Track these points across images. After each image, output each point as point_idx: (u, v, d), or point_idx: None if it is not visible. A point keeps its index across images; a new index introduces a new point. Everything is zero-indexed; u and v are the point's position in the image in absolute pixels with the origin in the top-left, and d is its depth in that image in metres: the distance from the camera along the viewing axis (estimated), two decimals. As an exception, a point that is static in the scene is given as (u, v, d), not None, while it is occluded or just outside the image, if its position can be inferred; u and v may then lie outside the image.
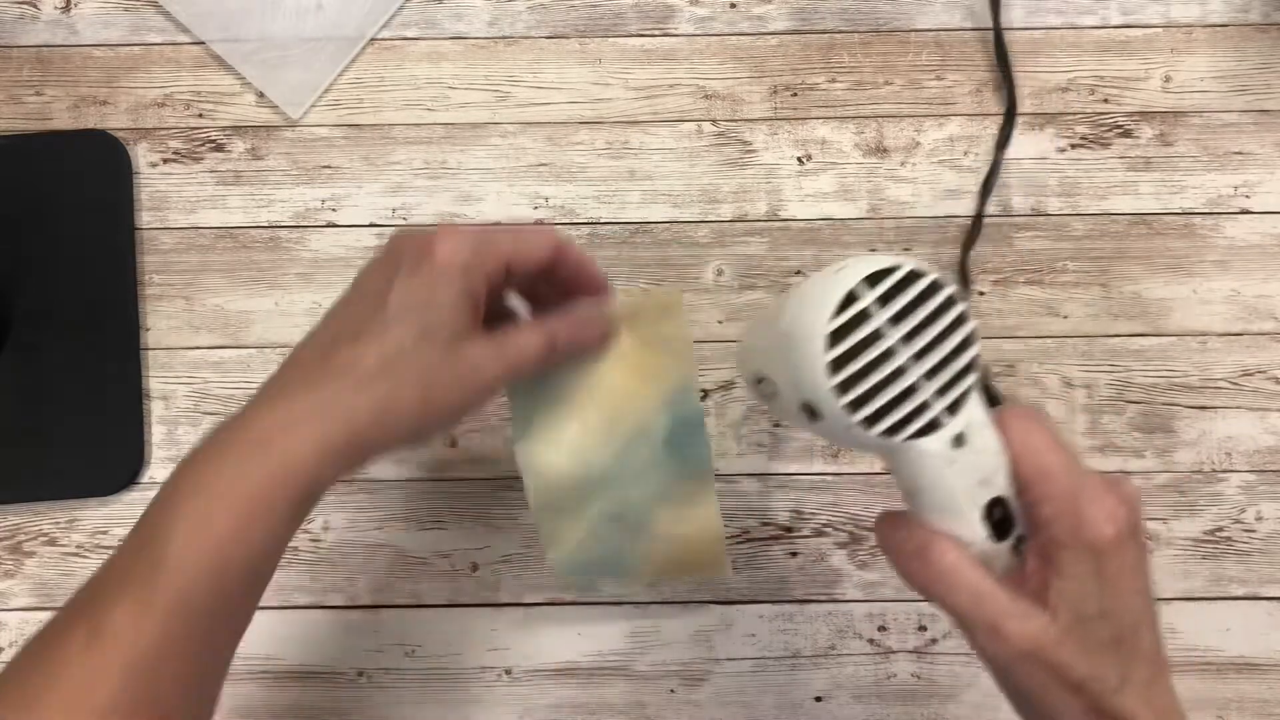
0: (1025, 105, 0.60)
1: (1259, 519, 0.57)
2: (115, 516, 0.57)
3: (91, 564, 0.56)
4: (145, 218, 0.60)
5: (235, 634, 0.39)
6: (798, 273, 0.59)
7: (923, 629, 0.56)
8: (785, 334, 0.37)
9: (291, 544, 0.56)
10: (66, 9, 0.62)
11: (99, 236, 0.59)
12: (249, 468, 0.37)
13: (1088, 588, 0.36)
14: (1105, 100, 0.61)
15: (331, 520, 0.57)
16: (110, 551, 0.38)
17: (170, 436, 0.58)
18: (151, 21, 0.61)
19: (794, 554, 0.57)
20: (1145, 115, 0.60)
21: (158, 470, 0.57)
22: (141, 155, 0.60)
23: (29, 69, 0.61)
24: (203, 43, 0.61)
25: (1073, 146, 0.60)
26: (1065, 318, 0.59)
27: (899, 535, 0.38)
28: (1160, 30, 0.61)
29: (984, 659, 0.38)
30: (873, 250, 0.59)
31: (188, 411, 0.58)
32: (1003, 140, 0.59)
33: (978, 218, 0.59)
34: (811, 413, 0.37)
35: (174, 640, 0.35)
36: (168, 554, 0.35)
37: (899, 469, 0.38)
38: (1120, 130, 0.60)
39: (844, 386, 0.35)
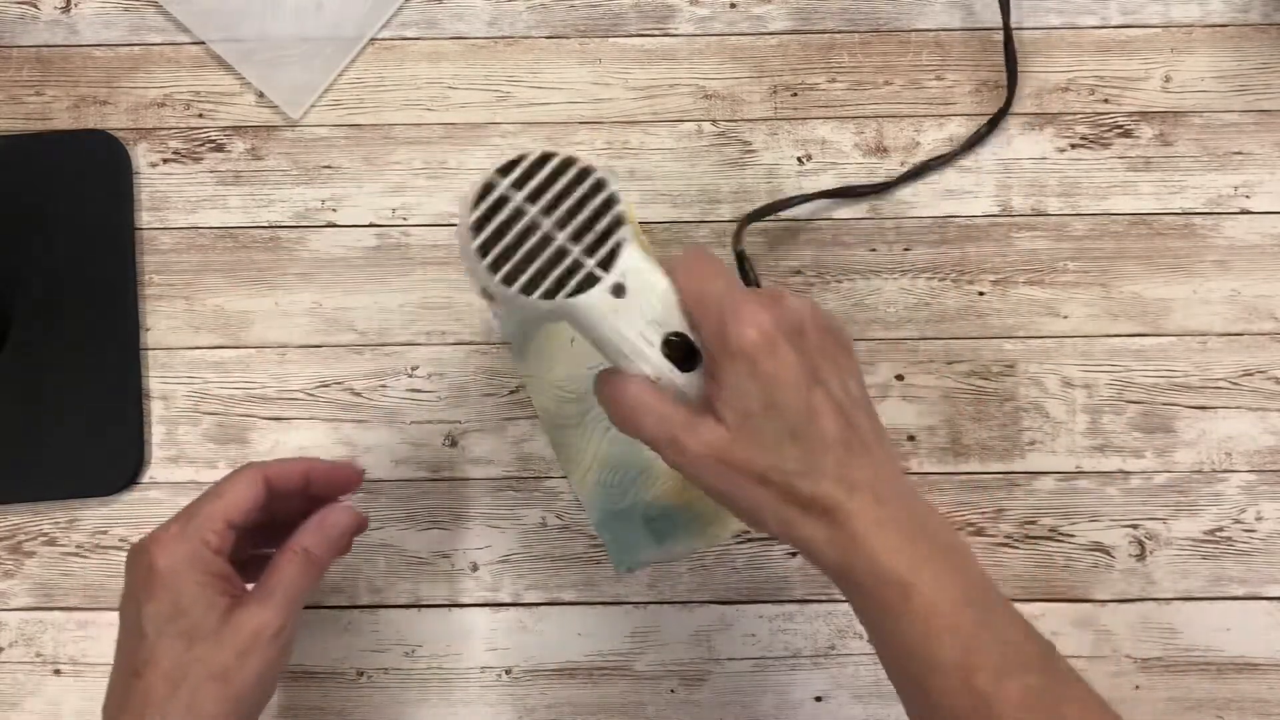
0: (1026, 105, 0.60)
1: (1259, 519, 0.57)
2: (115, 516, 0.57)
3: (91, 564, 0.56)
4: (145, 218, 0.60)
5: None
6: (798, 273, 0.59)
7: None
8: (458, 240, 0.41)
9: (291, 544, 0.57)
10: (66, 9, 0.62)
11: (99, 236, 0.59)
12: None
13: (746, 388, 0.39)
14: (1105, 100, 0.61)
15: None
16: (109, 552, 0.38)
17: (170, 436, 0.58)
18: (151, 21, 0.61)
19: (794, 554, 0.57)
20: (1145, 115, 0.60)
21: (158, 470, 0.57)
22: (141, 155, 0.60)
23: (29, 69, 0.61)
24: (203, 43, 0.61)
25: (1073, 146, 0.60)
26: (1065, 318, 0.59)
27: (604, 386, 0.42)
28: (1160, 30, 0.61)
29: (684, 475, 0.40)
30: (873, 250, 0.59)
31: (188, 411, 0.58)
32: (982, 134, 0.59)
33: (897, 181, 0.58)
34: (488, 295, 0.40)
35: None
36: None
37: (578, 326, 0.41)
38: (1120, 130, 0.60)
39: (496, 264, 0.39)
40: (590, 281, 0.40)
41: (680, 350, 0.41)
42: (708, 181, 0.60)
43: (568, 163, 0.40)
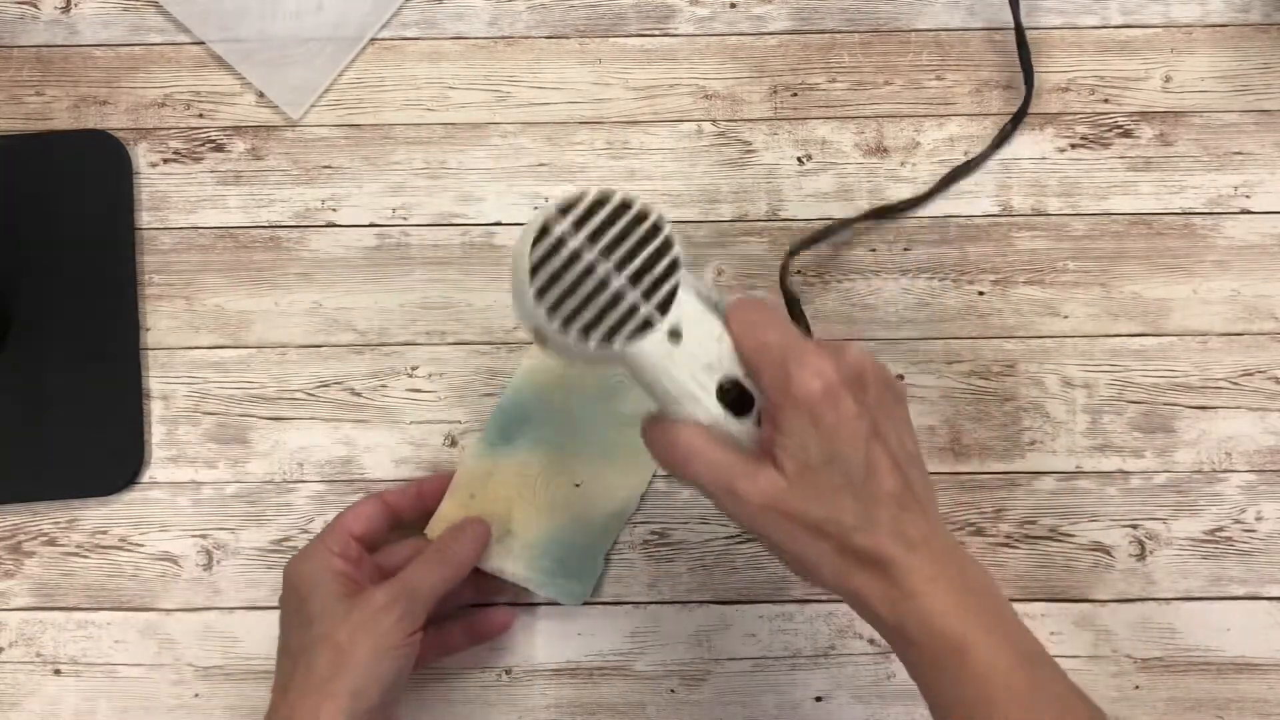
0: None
1: (1259, 519, 0.57)
2: (115, 516, 0.57)
3: (91, 564, 0.56)
4: (145, 218, 0.60)
5: None
6: (798, 273, 0.59)
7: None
8: (512, 282, 0.40)
9: (292, 544, 0.57)
10: (66, 9, 0.62)
11: (99, 236, 0.59)
12: None
13: (806, 439, 0.39)
14: (1105, 100, 0.61)
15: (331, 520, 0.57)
16: (109, 552, 0.38)
17: (170, 436, 0.58)
18: (151, 21, 0.61)
19: (794, 554, 0.57)
20: (1145, 115, 0.60)
21: (158, 470, 0.57)
22: (141, 155, 0.60)
23: (29, 69, 0.61)
24: (203, 43, 0.61)
25: (1073, 146, 0.60)
26: (1065, 318, 0.59)
27: (653, 431, 0.42)
28: (1160, 30, 0.61)
29: (738, 523, 0.40)
30: (872, 251, 0.59)
31: (188, 411, 0.58)
32: (1003, 137, 0.59)
33: (932, 192, 0.59)
34: (541, 338, 0.40)
35: None
36: None
37: (633, 373, 0.41)
38: (1120, 130, 0.60)
39: (554, 307, 0.39)
40: (647, 326, 0.40)
41: (733, 397, 0.41)
42: (708, 181, 0.60)
43: (626, 204, 0.40)
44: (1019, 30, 0.59)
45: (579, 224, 0.39)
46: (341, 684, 0.45)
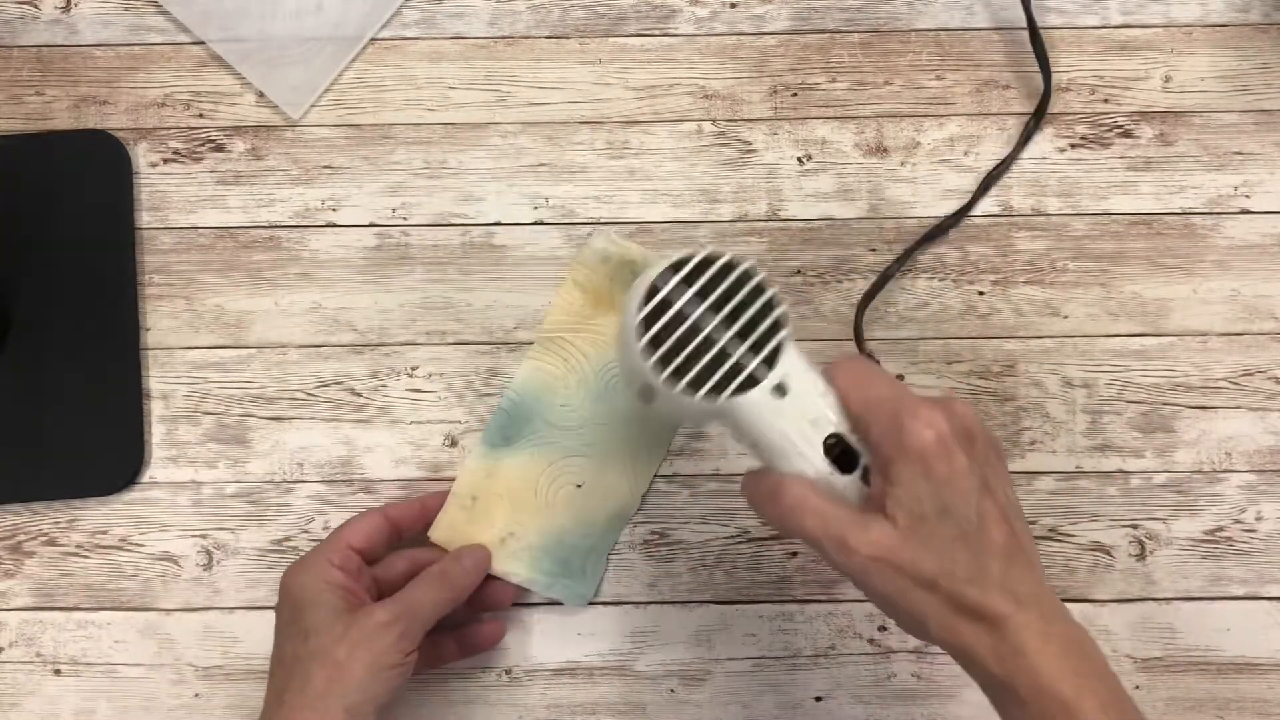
0: (1026, 105, 0.60)
1: (1259, 519, 0.57)
2: (115, 516, 0.57)
3: (92, 564, 0.56)
4: (145, 218, 0.60)
5: None
6: (798, 273, 0.59)
7: (923, 629, 0.56)
8: (620, 340, 0.42)
9: (292, 544, 0.57)
10: (66, 9, 0.62)
11: (99, 236, 0.59)
12: None
13: (920, 490, 0.39)
14: (1105, 100, 0.61)
15: (332, 520, 0.57)
16: (109, 552, 0.38)
17: (170, 436, 0.58)
18: (151, 21, 0.61)
19: (794, 554, 0.57)
20: (1145, 115, 0.60)
21: (158, 470, 0.57)
22: (141, 155, 0.60)
23: (29, 69, 0.61)
24: (203, 43, 0.61)
25: (1073, 146, 0.60)
26: (1065, 318, 0.59)
27: (756, 484, 0.42)
28: (1160, 30, 0.61)
29: (846, 574, 0.40)
30: (872, 250, 0.59)
31: (188, 411, 0.58)
32: (1026, 137, 0.59)
33: (959, 213, 0.59)
34: (649, 394, 0.41)
35: None
36: None
37: (738, 427, 0.42)
38: (1120, 130, 0.60)
39: (663, 363, 0.40)
40: (753, 381, 0.41)
41: (837, 453, 0.41)
42: (708, 181, 0.60)
43: (732, 265, 0.41)
44: (1032, 27, 0.59)
45: (687, 282, 0.41)
46: (337, 700, 0.45)
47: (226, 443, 0.58)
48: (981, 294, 0.59)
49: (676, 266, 0.41)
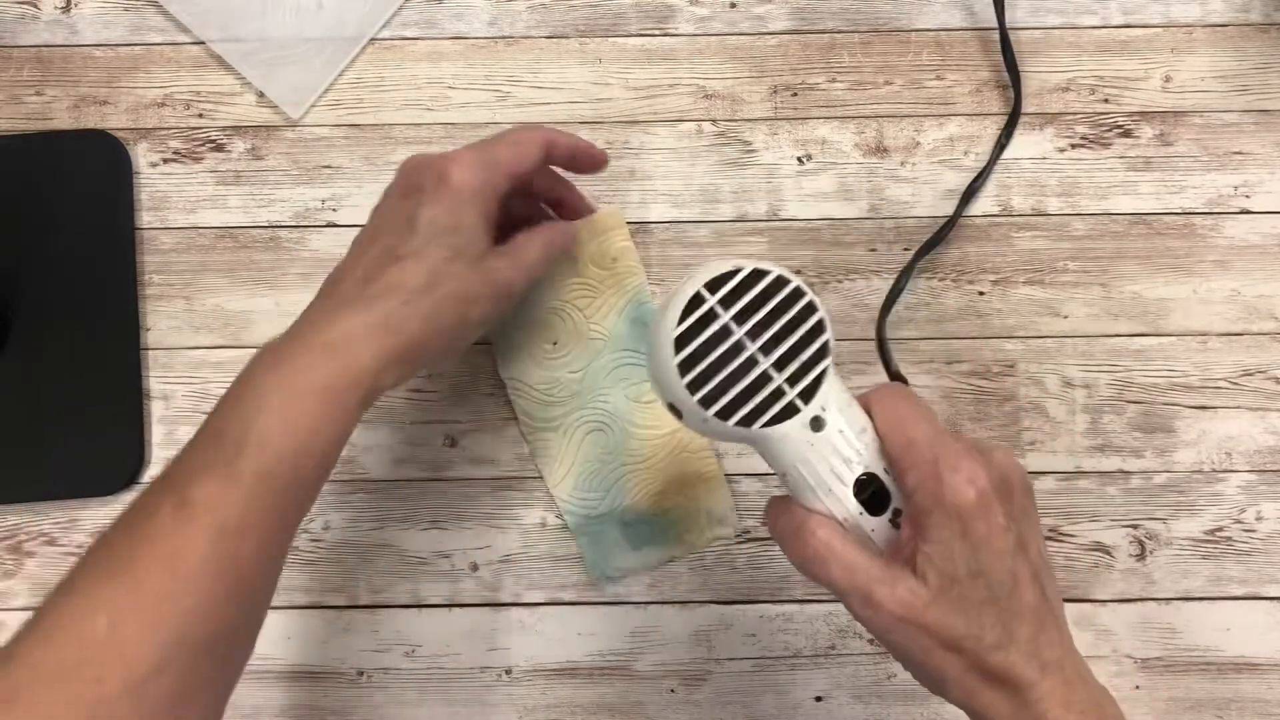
0: (1026, 105, 0.60)
1: (1259, 519, 0.57)
2: (115, 516, 0.57)
3: (91, 564, 0.56)
4: (145, 218, 0.60)
5: (302, 515, 0.43)
6: (798, 273, 0.59)
7: (923, 629, 0.56)
8: (651, 348, 0.40)
9: (292, 544, 0.57)
10: (66, 9, 0.62)
11: (99, 236, 0.59)
12: (324, 371, 0.42)
13: (954, 549, 0.37)
14: (1105, 100, 0.61)
15: (331, 520, 0.57)
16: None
17: (170, 436, 0.58)
18: (151, 21, 0.61)
19: (794, 554, 0.57)
20: (1145, 115, 0.60)
21: (158, 470, 0.57)
22: (141, 155, 0.60)
23: (29, 69, 0.61)
24: (203, 43, 0.61)
25: (1073, 146, 0.60)
26: (1065, 318, 0.59)
27: (781, 519, 0.40)
28: (1160, 30, 0.61)
29: (868, 628, 0.39)
30: (873, 250, 0.59)
31: (188, 411, 0.58)
32: (1003, 141, 0.59)
33: (953, 219, 0.58)
34: (676, 412, 0.39)
35: (256, 511, 0.39)
36: (250, 438, 0.39)
37: (766, 455, 0.40)
38: (1120, 130, 0.60)
39: (696, 384, 0.38)
40: (790, 412, 0.38)
41: (869, 492, 0.39)
42: (708, 181, 0.60)
43: (780, 283, 0.38)
44: (1003, 34, 0.59)
45: (729, 300, 0.38)
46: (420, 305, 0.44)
47: (226, 443, 0.57)
48: (981, 294, 0.59)
49: (722, 279, 0.38)
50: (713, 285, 0.38)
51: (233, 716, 0.55)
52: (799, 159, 0.60)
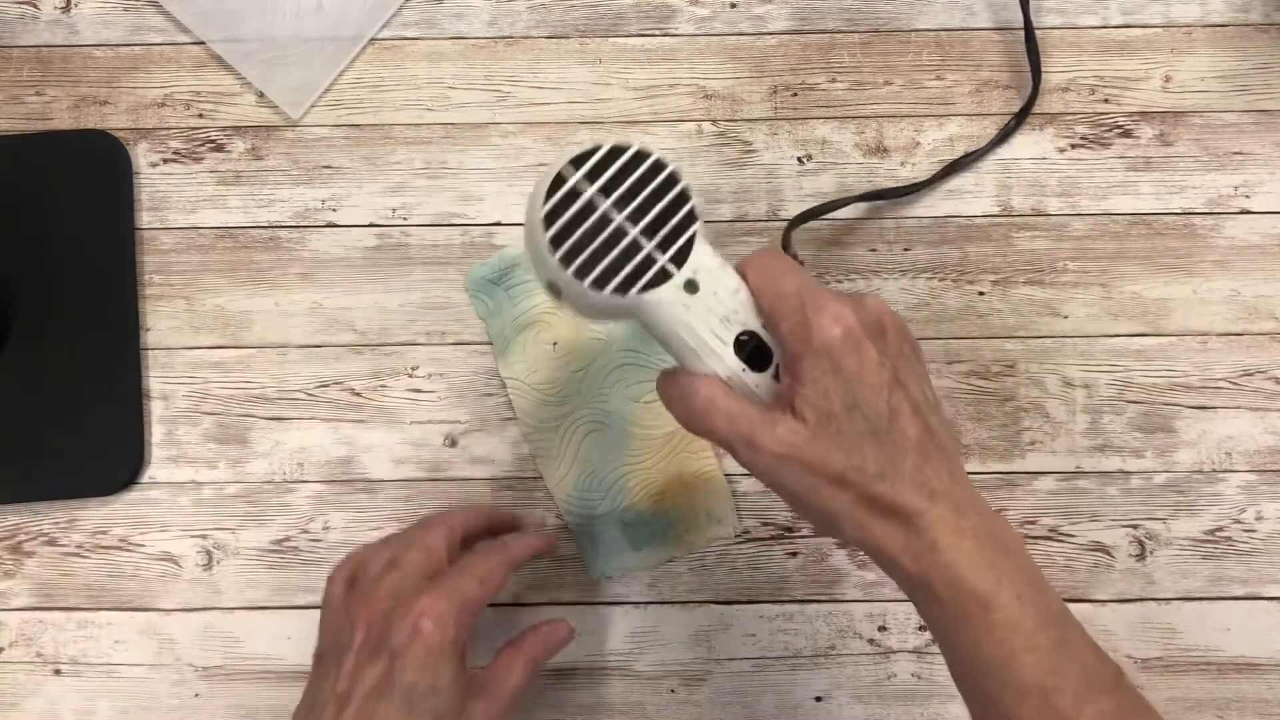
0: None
1: (1259, 519, 0.57)
2: (115, 516, 0.57)
3: (92, 564, 0.56)
4: (145, 218, 0.60)
5: None
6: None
7: (923, 629, 0.56)
8: (525, 232, 0.41)
9: (292, 544, 0.57)
10: (66, 9, 0.62)
11: (99, 236, 0.59)
12: None
13: (828, 386, 0.38)
14: (1105, 100, 0.61)
15: (331, 520, 0.57)
16: (109, 552, 0.38)
17: (170, 436, 0.58)
18: (151, 21, 0.61)
19: (794, 554, 0.57)
20: (1145, 115, 0.60)
21: (158, 470, 0.57)
22: (141, 155, 0.60)
23: (29, 69, 0.61)
24: (203, 43, 0.61)
25: (1073, 146, 0.60)
26: (1065, 318, 0.59)
27: (671, 388, 0.41)
28: (1160, 30, 0.61)
29: (756, 475, 0.40)
30: (873, 250, 0.59)
31: (188, 411, 0.58)
32: (1005, 134, 0.59)
33: (931, 180, 0.58)
34: (555, 290, 0.40)
35: None
36: None
37: (648, 325, 0.41)
38: (1120, 130, 0.60)
39: (568, 257, 0.39)
40: (663, 277, 0.39)
41: (750, 350, 0.41)
42: (708, 181, 0.60)
43: (640, 156, 0.40)
44: (1028, 28, 0.59)
45: (593, 175, 0.39)
46: None
47: (226, 443, 0.58)
48: (981, 294, 0.59)
49: (583, 158, 0.39)
50: (576, 163, 0.39)
51: (233, 716, 0.55)
52: (799, 159, 0.60)
